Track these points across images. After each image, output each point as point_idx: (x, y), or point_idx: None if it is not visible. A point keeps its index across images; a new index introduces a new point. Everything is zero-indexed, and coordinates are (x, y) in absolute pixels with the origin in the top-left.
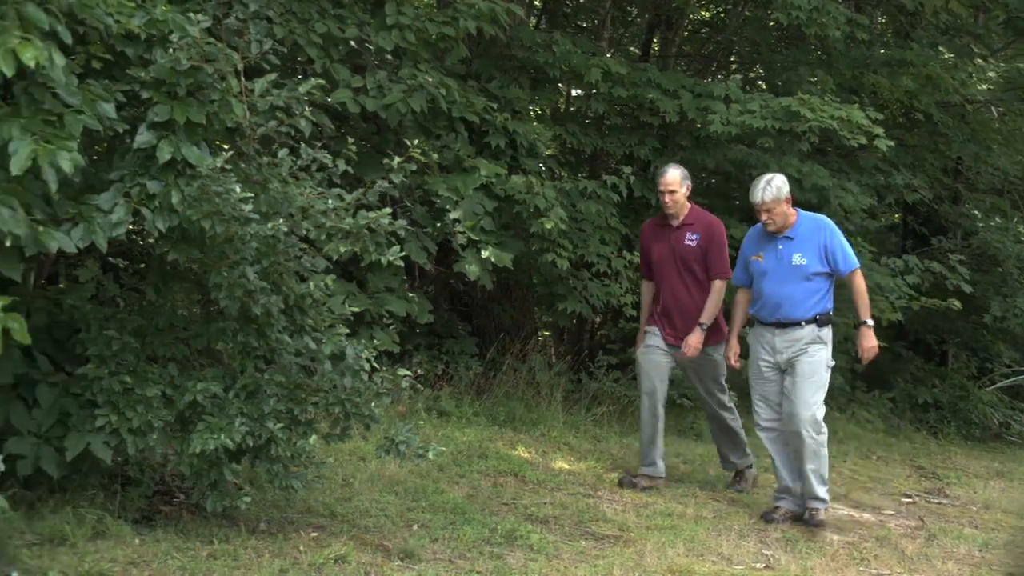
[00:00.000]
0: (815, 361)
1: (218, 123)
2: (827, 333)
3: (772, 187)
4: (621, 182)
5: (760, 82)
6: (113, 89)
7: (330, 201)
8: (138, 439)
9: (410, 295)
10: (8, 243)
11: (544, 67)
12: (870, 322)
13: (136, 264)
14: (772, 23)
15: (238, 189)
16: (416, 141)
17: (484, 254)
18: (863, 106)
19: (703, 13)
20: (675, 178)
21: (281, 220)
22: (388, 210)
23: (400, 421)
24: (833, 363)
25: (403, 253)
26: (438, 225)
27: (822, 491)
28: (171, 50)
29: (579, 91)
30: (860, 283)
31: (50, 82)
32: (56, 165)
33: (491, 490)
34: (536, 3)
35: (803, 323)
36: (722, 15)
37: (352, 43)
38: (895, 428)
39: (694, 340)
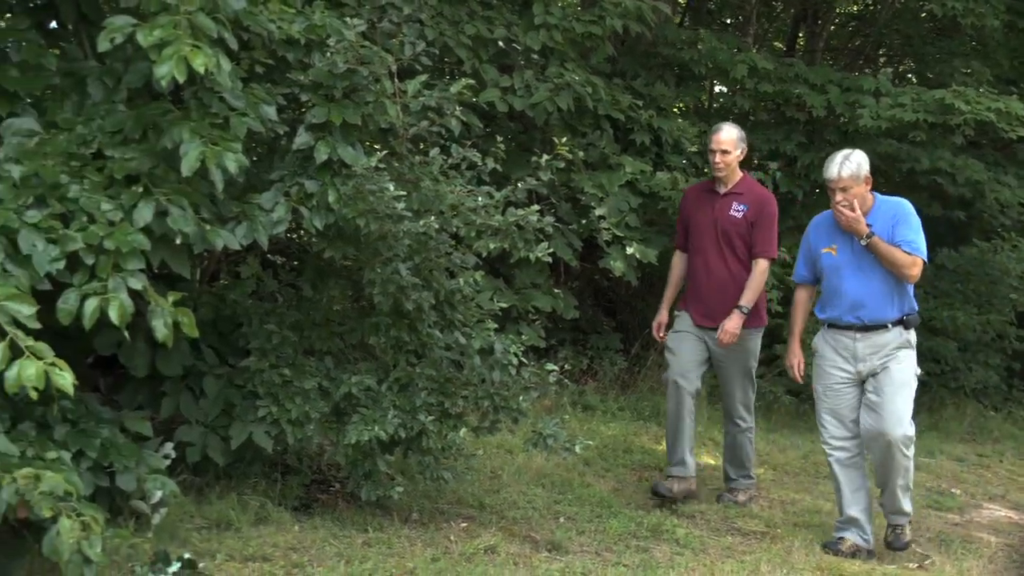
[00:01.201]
0: (905, 369)
1: (372, 124)
2: (914, 336)
3: (851, 162)
4: (767, 177)
5: (910, 75)
6: (274, 92)
7: (480, 199)
8: (296, 429)
9: (556, 291)
10: (179, 241)
11: (689, 64)
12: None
13: (293, 261)
14: (924, 14)
15: (391, 187)
16: (563, 139)
17: (629, 250)
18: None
19: (851, 7)
20: (730, 137)
21: (432, 218)
22: (536, 207)
23: (546, 415)
24: (920, 372)
25: (550, 250)
26: (583, 222)
27: (908, 504)
28: (328, 54)
29: (723, 87)
30: (911, 269)
31: (217, 86)
32: (222, 166)
33: (636, 484)
34: (680, 1)
35: (890, 325)
36: (871, 8)
37: (500, 43)
38: None
39: (732, 325)
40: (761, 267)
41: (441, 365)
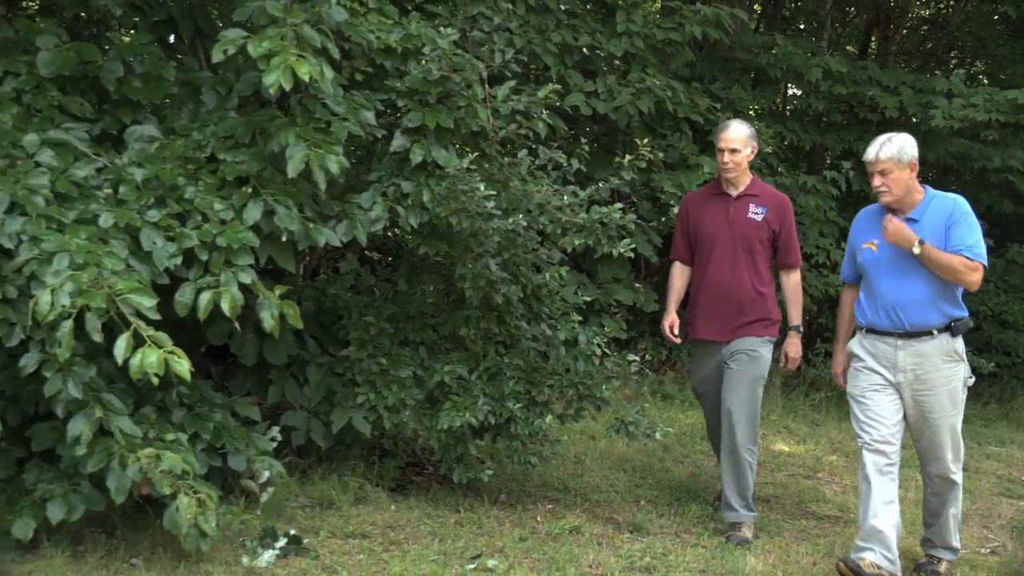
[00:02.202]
0: (953, 384)
1: (464, 127)
2: (962, 345)
3: (893, 144)
4: (840, 176)
5: (981, 76)
6: (373, 98)
7: (565, 197)
8: (393, 415)
9: (637, 285)
10: (284, 238)
11: (765, 68)
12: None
13: (389, 257)
14: (997, 16)
15: (482, 187)
16: (643, 140)
17: None
18: None
19: (923, 11)
20: (740, 134)
21: (520, 216)
22: (618, 205)
23: (627, 403)
24: (972, 379)
25: (632, 245)
26: (663, 219)
27: (958, 540)
28: (423, 62)
29: (797, 90)
30: (969, 274)
31: (320, 93)
32: (325, 168)
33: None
34: (756, 7)
35: (935, 332)
36: (943, 11)
37: (584, 50)
38: None
39: (795, 351)
40: (795, 278)
41: (528, 355)
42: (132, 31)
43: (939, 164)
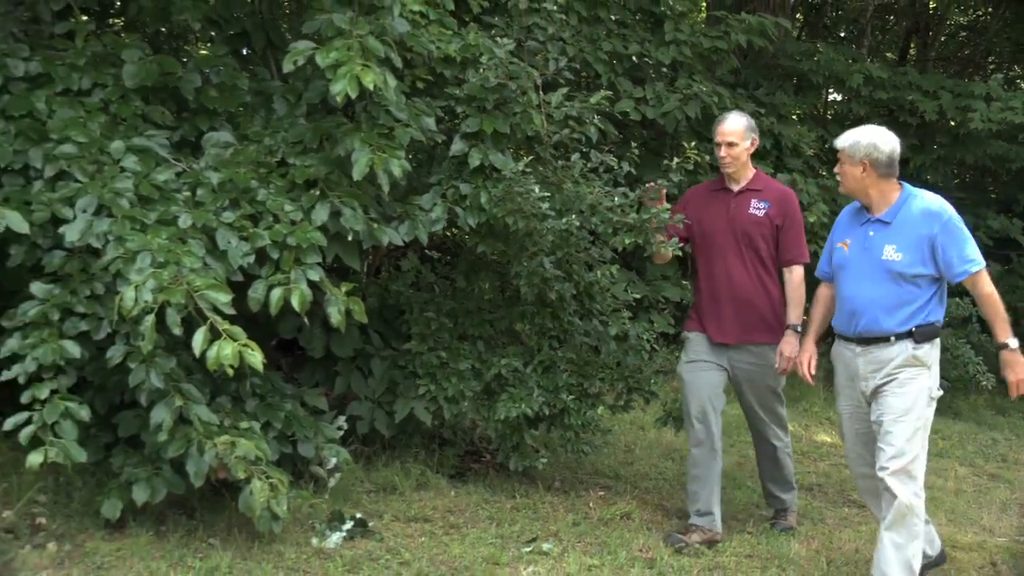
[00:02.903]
0: (907, 392)
1: (519, 132)
2: (928, 352)
3: (850, 136)
4: None
5: (1020, 80)
6: (433, 105)
7: (616, 199)
8: (452, 406)
9: (684, 283)
10: (350, 238)
11: (808, 74)
12: (1013, 344)
13: (447, 255)
14: None
15: (537, 189)
16: (691, 144)
17: None
18: None
19: (961, 18)
20: (736, 127)
21: (573, 216)
22: (668, 206)
23: (675, 395)
24: (940, 392)
25: (681, 244)
26: None
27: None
28: (481, 70)
29: (838, 95)
30: (986, 289)
31: (384, 101)
32: (388, 171)
33: None
34: (798, 16)
35: (892, 338)
36: (982, 17)
37: (634, 58)
38: None
39: (789, 349)
40: (798, 275)
41: (581, 349)
42: (209, 44)
43: (977, 165)
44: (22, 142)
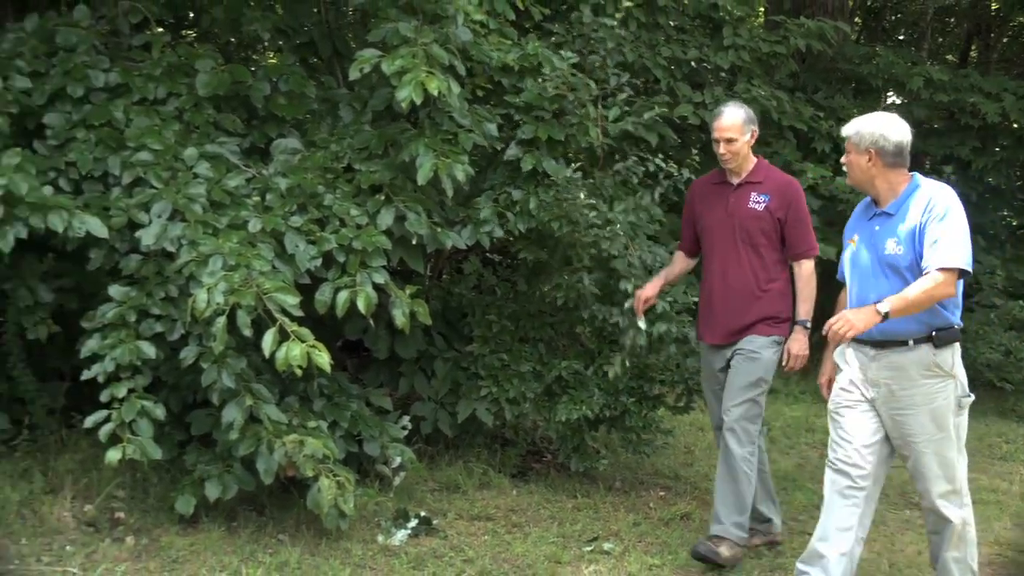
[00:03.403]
0: (937, 404)
1: (574, 142)
2: (950, 358)
3: (855, 124)
4: (941, 180)
5: None
6: (494, 112)
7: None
8: (514, 407)
9: None
10: (414, 241)
11: (867, 77)
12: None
13: (508, 259)
14: None
15: (583, 196)
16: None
17: None
18: None
19: None
20: (734, 121)
21: (618, 225)
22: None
23: None
24: (971, 397)
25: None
26: None
27: None
28: (540, 80)
29: (898, 98)
30: (942, 289)
31: (448, 107)
32: (452, 176)
33: (818, 461)
34: (857, 20)
35: (910, 342)
36: None
37: (693, 63)
38: None
39: (798, 347)
40: (807, 269)
41: (640, 353)
42: (277, 53)
43: None
44: (102, 150)
